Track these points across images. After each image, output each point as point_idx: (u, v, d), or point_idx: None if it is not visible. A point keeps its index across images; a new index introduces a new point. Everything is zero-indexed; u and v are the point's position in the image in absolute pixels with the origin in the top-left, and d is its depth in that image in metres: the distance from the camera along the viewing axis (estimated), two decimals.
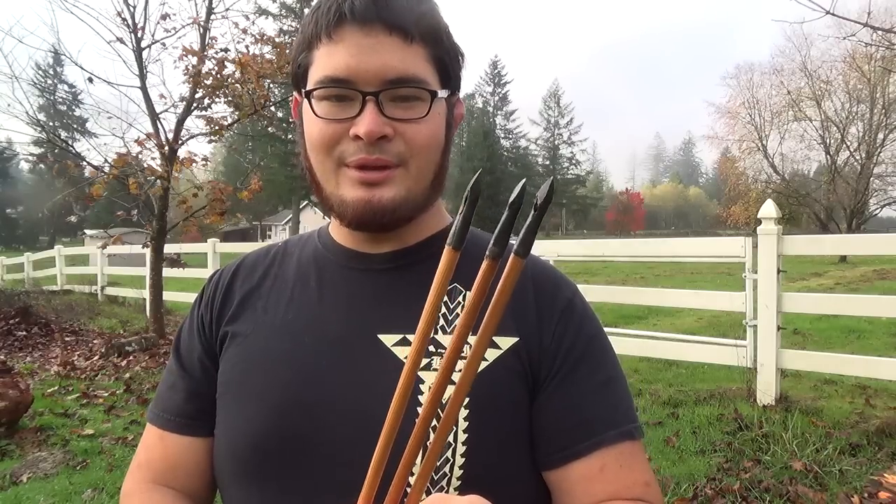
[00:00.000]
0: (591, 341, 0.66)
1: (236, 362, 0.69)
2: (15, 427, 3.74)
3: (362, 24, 0.60)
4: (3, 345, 6.90)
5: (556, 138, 65.53)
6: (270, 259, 0.76)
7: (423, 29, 0.62)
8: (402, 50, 0.61)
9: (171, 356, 0.77)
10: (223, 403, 0.69)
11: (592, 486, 0.61)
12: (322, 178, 0.65)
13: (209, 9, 6.90)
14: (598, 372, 0.65)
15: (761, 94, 25.25)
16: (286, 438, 0.62)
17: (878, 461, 3.01)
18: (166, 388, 0.75)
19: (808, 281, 12.68)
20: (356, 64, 0.60)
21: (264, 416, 0.64)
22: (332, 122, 0.62)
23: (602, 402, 0.64)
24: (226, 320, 0.72)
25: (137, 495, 0.71)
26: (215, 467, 0.70)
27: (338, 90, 0.61)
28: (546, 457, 0.63)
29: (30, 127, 11.27)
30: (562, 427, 0.63)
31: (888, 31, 7.80)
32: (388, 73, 0.60)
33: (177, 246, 8.55)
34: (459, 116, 0.72)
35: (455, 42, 0.67)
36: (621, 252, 5.77)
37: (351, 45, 0.60)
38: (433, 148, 0.65)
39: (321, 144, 0.63)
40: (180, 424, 0.72)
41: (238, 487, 0.66)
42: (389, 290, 0.68)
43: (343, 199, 0.63)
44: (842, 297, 5.06)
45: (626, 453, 0.62)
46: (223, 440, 0.68)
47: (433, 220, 0.72)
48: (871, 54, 19.47)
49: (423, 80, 0.62)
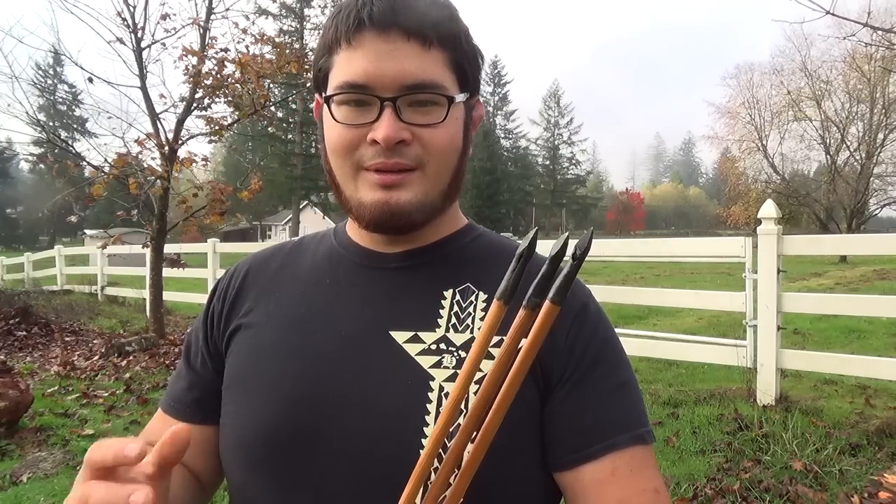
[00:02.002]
0: (604, 345, 0.67)
1: (247, 354, 0.70)
2: (15, 427, 3.74)
3: (381, 30, 0.60)
4: (3, 345, 6.90)
5: (556, 138, 65.57)
6: (285, 254, 0.78)
7: (441, 34, 0.63)
8: (420, 56, 0.61)
9: (183, 347, 0.80)
10: (232, 394, 0.70)
11: (603, 489, 0.61)
12: (342, 181, 0.66)
13: (209, 9, 6.90)
14: (611, 376, 0.65)
15: (761, 94, 25.28)
16: (295, 430, 0.63)
17: (878, 461, 3.01)
18: (174, 377, 0.79)
19: (808, 281, 12.68)
20: (374, 69, 0.60)
21: (274, 407, 0.65)
22: (350, 126, 0.63)
23: (615, 405, 0.64)
24: (238, 313, 0.73)
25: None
26: (222, 456, 0.71)
27: (356, 95, 0.62)
28: (558, 458, 0.63)
29: (30, 127, 11.29)
30: (574, 429, 0.63)
31: (888, 31, 7.80)
32: (405, 78, 0.61)
33: (177, 246, 8.54)
34: (478, 118, 0.72)
35: (474, 44, 0.68)
36: (621, 252, 5.76)
37: (370, 50, 0.61)
38: (450, 152, 0.65)
39: (340, 148, 0.64)
40: (180, 411, 0.75)
41: (246, 476, 0.67)
42: (402, 288, 0.68)
43: (361, 202, 0.64)
44: (842, 297, 5.06)
45: (637, 458, 0.63)
46: (231, 430, 0.68)
47: (449, 221, 0.73)
48: (871, 54, 19.47)
49: (440, 85, 0.62)
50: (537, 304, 0.47)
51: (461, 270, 0.69)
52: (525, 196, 63.70)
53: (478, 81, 0.69)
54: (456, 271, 0.69)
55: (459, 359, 0.62)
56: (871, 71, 21.07)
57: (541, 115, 66.05)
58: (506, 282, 0.48)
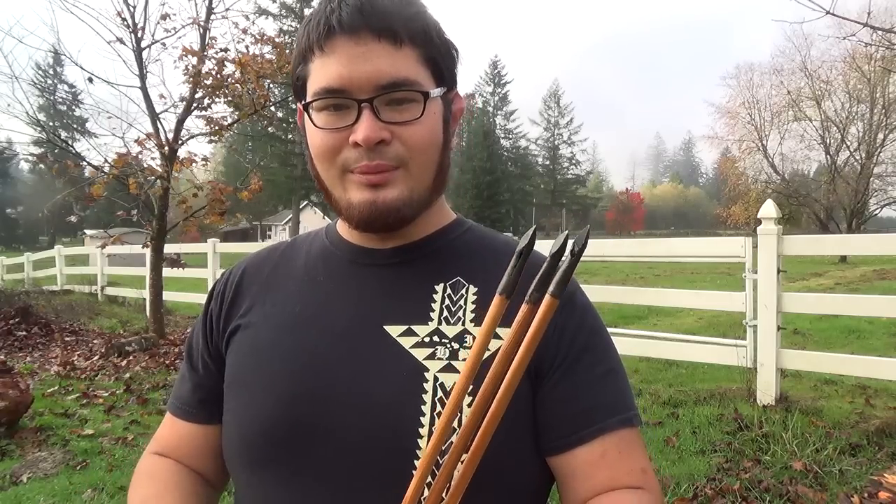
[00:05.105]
0: (592, 334, 0.69)
1: (246, 353, 0.72)
2: (15, 427, 3.74)
3: (351, 33, 0.62)
4: (3, 345, 6.90)
5: (556, 138, 65.51)
6: (279, 255, 0.80)
7: (411, 31, 0.64)
8: (392, 55, 0.62)
9: (185, 349, 0.83)
10: (232, 392, 0.71)
11: (594, 470, 0.64)
12: (329, 185, 0.68)
13: (209, 9, 6.90)
14: (599, 363, 0.68)
15: (761, 94, 25.28)
16: (295, 426, 0.65)
17: (878, 461, 3.01)
18: (178, 379, 0.82)
19: (808, 281, 12.68)
20: (349, 73, 0.62)
21: (273, 404, 0.66)
22: (331, 131, 0.64)
23: (603, 391, 0.67)
24: (236, 314, 0.75)
25: (145, 460, 0.78)
26: (225, 454, 0.73)
27: (334, 100, 0.63)
28: (550, 443, 0.66)
29: (30, 127, 11.29)
30: (565, 415, 0.65)
31: (888, 31, 7.81)
32: (380, 78, 0.62)
33: (177, 246, 8.54)
34: (459, 111, 0.73)
35: (447, 39, 0.68)
36: (621, 252, 5.76)
37: (342, 55, 0.62)
38: (431, 147, 0.66)
39: (324, 154, 0.65)
40: (186, 412, 0.78)
41: (248, 473, 0.69)
42: (394, 283, 0.70)
43: (350, 203, 0.66)
44: (842, 297, 5.06)
45: (625, 440, 0.66)
46: (233, 428, 0.70)
47: (436, 216, 0.74)
48: (871, 54, 19.47)
49: (414, 81, 0.63)
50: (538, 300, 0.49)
51: (451, 264, 0.71)
52: (525, 196, 63.62)
53: (454, 75, 0.70)
54: (446, 265, 0.71)
55: (452, 350, 0.64)
56: (871, 71, 21.08)
57: (541, 115, 66.04)
58: (507, 277, 0.51)
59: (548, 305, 0.49)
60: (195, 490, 0.75)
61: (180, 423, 0.78)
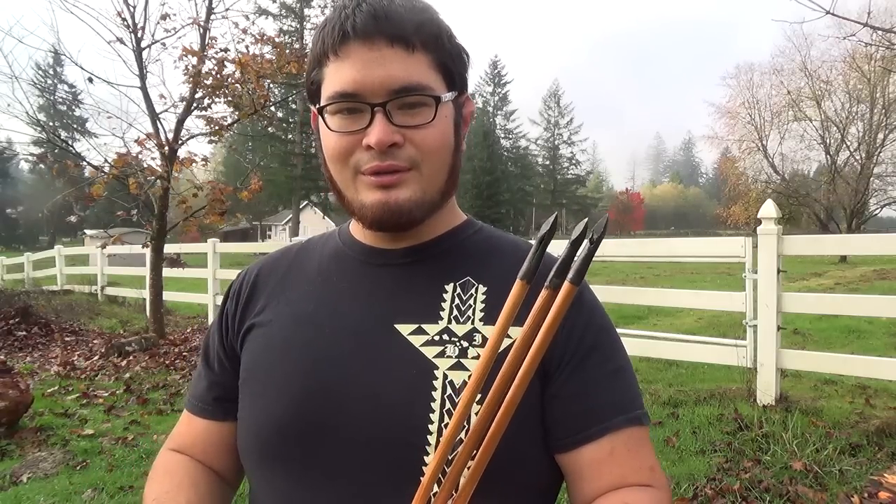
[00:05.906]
0: (600, 332, 0.70)
1: (261, 351, 0.73)
2: (15, 427, 3.74)
3: (365, 39, 0.63)
4: (3, 345, 6.90)
5: (556, 138, 65.57)
6: (294, 256, 0.82)
7: (423, 37, 0.65)
8: (404, 60, 0.64)
9: (201, 348, 0.85)
10: (247, 389, 0.73)
11: (602, 468, 0.65)
12: (342, 186, 0.69)
13: (209, 9, 6.90)
14: (608, 361, 0.69)
15: (761, 94, 25.31)
16: (308, 422, 0.66)
17: (878, 461, 3.01)
18: (195, 377, 0.84)
19: (808, 281, 12.69)
20: (362, 78, 0.63)
21: (287, 401, 0.68)
22: (345, 134, 0.66)
23: (612, 389, 0.68)
24: (251, 313, 0.77)
25: (161, 457, 0.80)
26: (240, 449, 0.74)
27: (348, 104, 0.65)
28: (559, 440, 0.67)
29: (30, 127, 11.30)
30: (574, 413, 0.66)
31: (888, 31, 7.81)
32: (393, 83, 0.63)
33: (177, 246, 8.54)
34: (469, 114, 0.75)
35: (458, 43, 0.70)
36: (621, 252, 5.76)
37: (356, 60, 0.64)
38: (443, 150, 0.68)
39: (337, 156, 0.67)
40: (202, 409, 0.80)
41: (262, 469, 0.70)
42: (405, 283, 0.72)
43: (363, 204, 0.67)
44: (842, 297, 5.06)
45: (634, 438, 0.66)
46: (247, 424, 0.72)
47: (448, 217, 0.76)
48: (871, 54, 19.48)
49: (427, 86, 0.65)
50: (557, 285, 0.50)
51: (461, 264, 0.72)
52: (525, 196, 63.64)
53: (465, 79, 0.71)
54: (456, 265, 0.72)
55: (462, 348, 0.66)
56: (871, 71, 21.09)
57: (541, 114, 66.11)
58: (528, 263, 0.52)
59: (567, 292, 0.50)
60: (210, 486, 0.76)
61: (197, 421, 0.79)
